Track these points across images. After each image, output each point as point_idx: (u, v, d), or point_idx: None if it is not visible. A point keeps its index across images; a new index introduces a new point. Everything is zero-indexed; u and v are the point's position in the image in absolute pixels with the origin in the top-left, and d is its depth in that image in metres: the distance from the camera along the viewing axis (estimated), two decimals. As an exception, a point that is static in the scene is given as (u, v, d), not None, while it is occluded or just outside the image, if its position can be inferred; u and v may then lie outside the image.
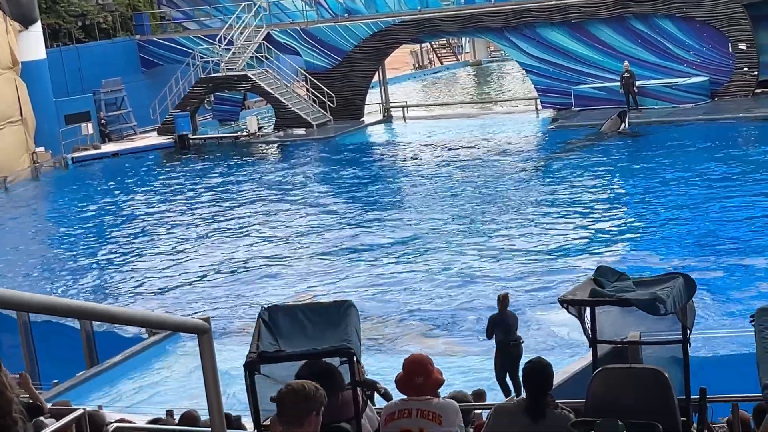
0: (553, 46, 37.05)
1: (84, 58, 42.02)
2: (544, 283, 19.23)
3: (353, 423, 6.16)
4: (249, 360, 6.12)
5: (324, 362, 6.16)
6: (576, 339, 14.34)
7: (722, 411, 8.13)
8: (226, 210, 28.86)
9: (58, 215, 31.45)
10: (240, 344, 15.92)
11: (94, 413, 8.87)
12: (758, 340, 5.84)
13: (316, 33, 40.62)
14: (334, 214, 26.98)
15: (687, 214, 23.28)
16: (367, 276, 21.11)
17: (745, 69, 34.82)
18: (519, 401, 6.18)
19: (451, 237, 23.22)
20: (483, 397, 12.87)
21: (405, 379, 6.20)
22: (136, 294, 21.76)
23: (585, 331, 6.81)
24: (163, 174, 35.92)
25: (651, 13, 35.49)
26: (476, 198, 26.84)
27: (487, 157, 32.33)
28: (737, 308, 16.62)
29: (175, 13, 47.15)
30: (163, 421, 10.61)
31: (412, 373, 6.16)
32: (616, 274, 6.81)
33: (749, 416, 7.91)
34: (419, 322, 18.13)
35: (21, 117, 37.44)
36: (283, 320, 6.47)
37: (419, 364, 6.22)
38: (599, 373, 6.38)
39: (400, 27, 39.42)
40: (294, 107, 39.37)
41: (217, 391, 4.76)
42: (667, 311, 6.21)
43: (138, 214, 29.68)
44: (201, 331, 4.71)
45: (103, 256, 25.43)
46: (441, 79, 56.72)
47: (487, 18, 37.87)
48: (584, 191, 26.41)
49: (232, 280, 21.85)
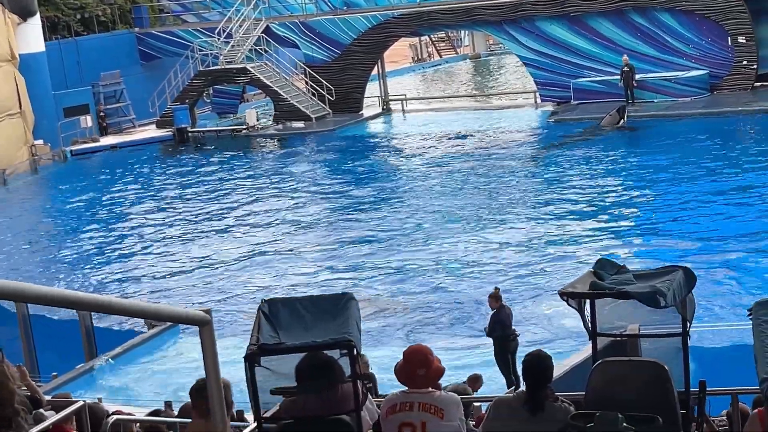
0: (552, 40, 37.02)
1: (83, 51, 41.94)
2: (543, 275, 19.24)
3: (353, 416, 6.16)
4: (249, 352, 6.11)
5: (324, 354, 6.16)
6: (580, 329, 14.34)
7: (722, 403, 8.13)
8: (225, 202, 28.84)
9: (57, 208, 31.43)
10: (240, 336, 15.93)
11: (94, 405, 8.86)
12: (756, 334, 5.84)
13: (315, 26, 40.58)
14: (333, 206, 26.98)
15: (686, 207, 23.30)
16: (365, 267, 21.11)
17: (744, 62, 34.82)
18: (519, 394, 6.17)
19: (450, 228, 23.21)
20: (480, 381, 12.91)
21: (406, 370, 6.18)
22: (136, 285, 21.75)
23: (585, 323, 6.80)
24: (161, 167, 35.90)
25: (650, 6, 35.47)
26: (475, 190, 26.83)
27: (485, 150, 32.32)
28: (738, 300, 16.62)
29: (174, 5, 47.06)
30: (162, 413, 10.61)
31: (414, 365, 6.14)
32: (615, 266, 6.80)
33: (749, 409, 7.91)
34: (418, 313, 18.14)
35: (20, 110, 37.39)
36: (283, 312, 6.46)
37: (420, 354, 6.20)
38: (599, 366, 6.38)
39: (399, 20, 39.38)
40: (293, 100, 39.34)
41: (218, 383, 4.75)
42: (668, 304, 6.20)
43: (137, 207, 29.65)
44: (202, 323, 4.70)
45: (102, 249, 25.41)
46: (440, 72, 56.69)
47: (486, 11, 37.84)
48: (583, 185, 26.41)
49: (232, 272, 21.85)
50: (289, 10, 42.67)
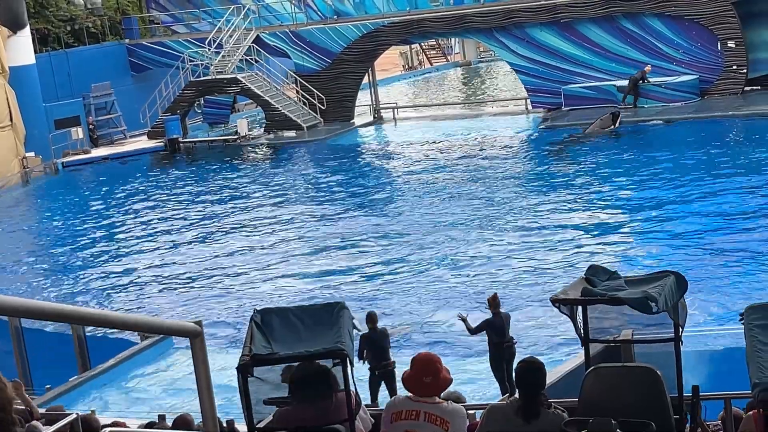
0: (543, 46, 37.11)
1: (73, 63, 41.90)
2: (536, 282, 19.26)
3: (347, 425, 6.15)
4: (242, 363, 6.10)
5: (318, 364, 6.15)
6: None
7: (715, 408, 8.14)
8: (217, 213, 28.82)
9: (49, 220, 31.36)
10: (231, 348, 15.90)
11: (88, 417, 8.85)
12: (748, 338, 5.86)
13: (306, 35, 40.62)
14: (324, 215, 26.96)
15: (677, 211, 23.34)
16: (357, 277, 21.11)
17: (734, 67, 34.92)
18: (512, 401, 6.17)
19: (442, 237, 23.21)
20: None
21: (414, 377, 6.19)
22: (128, 298, 21.71)
23: (577, 330, 6.81)
24: (153, 178, 35.86)
25: (640, 12, 35.58)
26: (467, 198, 26.84)
27: (476, 157, 32.35)
28: (728, 305, 16.64)
29: (164, 16, 47.06)
30: (156, 425, 10.58)
31: (422, 372, 6.14)
32: (607, 272, 6.81)
33: (743, 413, 7.92)
34: (413, 323, 18.13)
35: (11, 122, 37.36)
36: (276, 322, 6.45)
37: (429, 362, 6.21)
38: (592, 372, 6.39)
39: (390, 28, 39.44)
40: (284, 110, 39.34)
41: (210, 394, 4.75)
42: (659, 309, 6.22)
43: (129, 219, 29.62)
44: (193, 335, 4.70)
45: (94, 261, 25.36)
46: (431, 80, 56.74)
47: (477, 18, 37.91)
48: (573, 190, 26.44)
49: (224, 283, 21.82)
50: (279, 20, 42.71)
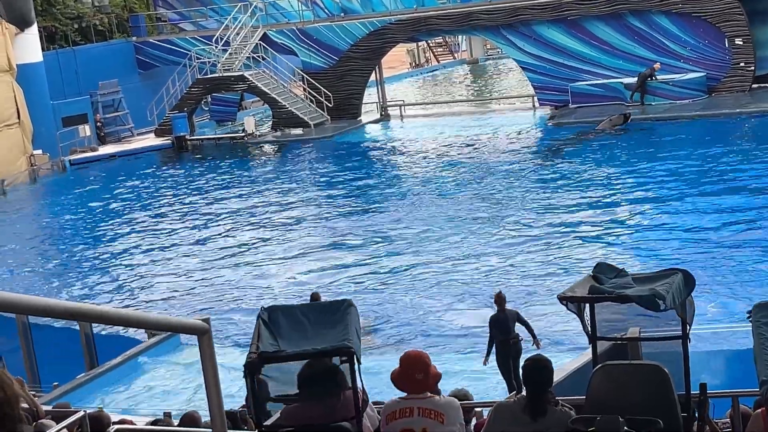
0: (550, 44, 37.07)
1: (80, 61, 41.95)
2: (544, 279, 19.23)
3: (354, 423, 6.15)
4: (249, 360, 6.10)
5: (326, 362, 6.15)
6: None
7: (723, 406, 8.13)
8: (224, 210, 28.83)
9: (57, 218, 31.41)
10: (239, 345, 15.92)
11: (97, 414, 8.86)
12: (755, 336, 5.84)
13: (313, 33, 40.60)
14: (331, 213, 26.97)
15: (685, 209, 23.29)
16: (365, 275, 21.10)
17: (741, 64, 34.84)
18: (519, 399, 6.16)
19: (450, 234, 23.19)
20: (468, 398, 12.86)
21: (403, 375, 6.17)
22: (135, 295, 21.74)
23: (585, 327, 6.80)
24: (161, 175, 35.89)
25: (647, 9, 35.52)
26: (474, 195, 26.81)
27: (484, 154, 32.33)
28: (737, 303, 16.60)
29: (172, 14, 47.10)
30: (162, 422, 10.60)
31: (413, 369, 6.13)
32: (614, 270, 6.79)
33: (751, 411, 7.90)
34: (418, 321, 18.13)
35: (18, 120, 37.41)
36: (283, 320, 6.44)
37: (418, 359, 6.20)
38: (599, 369, 6.37)
39: (397, 26, 39.41)
40: (291, 107, 39.36)
41: (218, 392, 4.75)
42: (667, 307, 6.20)
43: (135, 216, 29.64)
44: (201, 332, 4.70)
45: (102, 258, 25.40)
46: (438, 77, 56.71)
47: (484, 16, 37.88)
48: (581, 187, 26.40)
49: (232, 280, 21.83)
50: (286, 18, 42.72)
